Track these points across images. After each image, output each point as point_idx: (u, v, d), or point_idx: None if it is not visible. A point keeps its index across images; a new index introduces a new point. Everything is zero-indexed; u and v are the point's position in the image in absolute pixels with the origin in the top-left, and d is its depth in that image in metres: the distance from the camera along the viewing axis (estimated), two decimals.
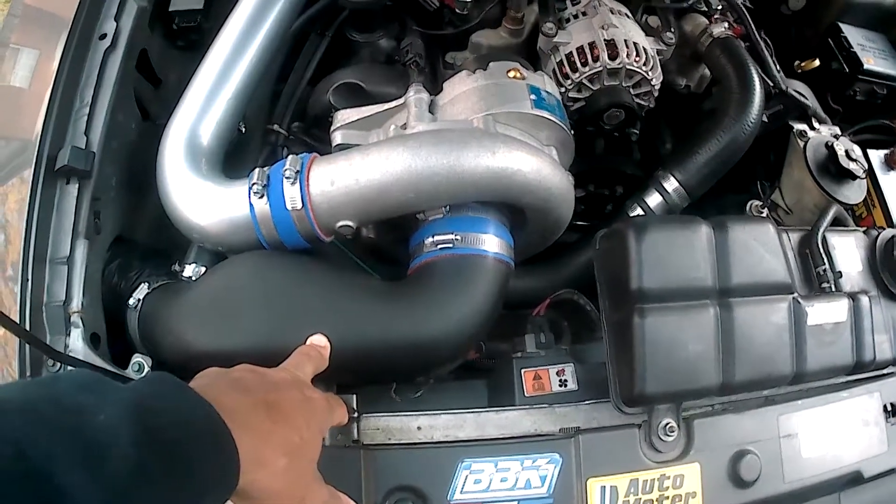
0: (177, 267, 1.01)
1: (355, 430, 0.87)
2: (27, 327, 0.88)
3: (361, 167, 0.87)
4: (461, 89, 0.98)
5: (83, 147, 0.97)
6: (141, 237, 1.07)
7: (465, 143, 0.87)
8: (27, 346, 0.87)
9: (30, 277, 0.90)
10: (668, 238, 0.89)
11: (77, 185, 0.95)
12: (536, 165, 0.89)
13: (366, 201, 0.88)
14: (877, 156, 1.27)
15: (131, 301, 0.96)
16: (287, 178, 0.88)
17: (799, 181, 1.17)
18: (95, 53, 1.04)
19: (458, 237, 0.90)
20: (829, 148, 1.15)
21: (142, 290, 0.97)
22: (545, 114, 0.94)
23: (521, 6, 1.11)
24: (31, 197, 0.93)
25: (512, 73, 0.96)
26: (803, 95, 1.23)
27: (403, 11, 1.23)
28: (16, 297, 0.89)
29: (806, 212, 1.17)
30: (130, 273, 1.01)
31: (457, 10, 1.15)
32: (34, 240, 0.91)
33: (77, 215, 0.94)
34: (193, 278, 0.99)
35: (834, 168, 1.14)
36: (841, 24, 1.38)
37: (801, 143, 1.16)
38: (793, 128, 1.18)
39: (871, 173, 1.24)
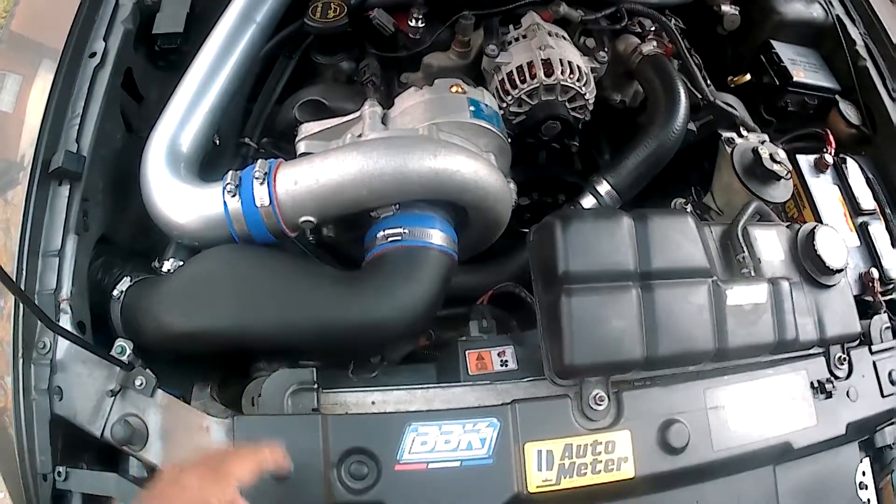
0: (156, 263, 1.19)
1: (315, 401, 1.03)
2: (21, 314, 1.05)
3: (321, 169, 1.07)
4: (410, 103, 1.18)
5: (75, 152, 1.15)
6: (123, 238, 1.25)
7: (411, 147, 1.07)
8: (20, 327, 1.04)
9: (24, 268, 1.07)
10: (592, 227, 1.08)
11: (69, 186, 1.14)
12: (474, 167, 1.09)
13: (325, 199, 1.08)
14: (807, 160, 1.46)
15: (115, 293, 1.14)
16: (256, 178, 1.08)
17: (728, 184, 1.37)
18: (86, 69, 1.24)
19: (407, 231, 1.10)
20: (755, 152, 1.34)
21: (124, 283, 1.15)
22: (483, 123, 1.15)
23: (467, 31, 1.32)
24: (27, 195, 1.11)
25: (454, 89, 1.17)
26: (732, 107, 1.43)
27: (363, 36, 1.44)
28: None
29: (735, 212, 1.36)
30: (113, 270, 1.19)
31: (410, 35, 1.37)
32: (29, 234, 1.09)
33: (68, 213, 1.12)
34: (172, 271, 1.17)
35: (759, 170, 1.33)
36: (773, 42, 1.60)
37: (729, 149, 1.36)
38: (721, 136, 1.39)
39: (801, 176, 1.44)
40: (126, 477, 1.03)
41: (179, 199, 1.13)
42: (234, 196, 1.09)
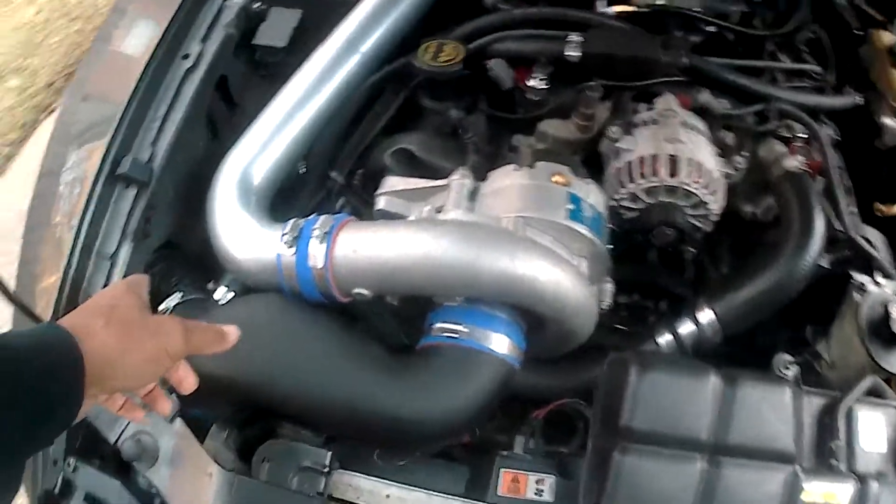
0: (211, 285, 1.13)
1: (322, 484, 0.96)
2: (62, 312, 1.02)
3: (385, 243, 0.97)
4: (504, 183, 1.05)
5: (146, 159, 1.10)
6: (191, 246, 1.19)
7: (487, 242, 0.94)
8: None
9: (74, 265, 1.04)
10: (671, 382, 0.93)
11: (135, 191, 1.09)
12: (555, 277, 0.95)
13: (382, 276, 0.98)
14: None
15: (161, 306, 1.08)
16: (315, 236, 0.99)
17: (847, 337, 1.15)
18: (176, 71, 1.18)
19: (467, 330, 0.98)
20: (886, 309, 1.13)
21: (174, 298, 1.09)
22: (577, 226, 1.00)
23: (592, 104, 1.16)
24: (90, 192, 1.07)
25: (556, 178, 1.02)
26: (873, 245, 1.20)
27: (477, 87, 1.30)
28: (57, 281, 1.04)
29: (850, 370, 1.14)
30: (171, 279, 1.14)
31: (529, 96, 1.22)
32: (85, 232, 1.05)
33: (129, 219, 1.08)
34: (221, 301, 1.11)
35: (886, 332, 1.11)
36: None
37: (858, 298, 1.15)
38: (852, 278, 1.16)
39: None
40: (130, 489, 1.00)
41: (241, 235, 1.06)
42: (290, 248, 1.00)
